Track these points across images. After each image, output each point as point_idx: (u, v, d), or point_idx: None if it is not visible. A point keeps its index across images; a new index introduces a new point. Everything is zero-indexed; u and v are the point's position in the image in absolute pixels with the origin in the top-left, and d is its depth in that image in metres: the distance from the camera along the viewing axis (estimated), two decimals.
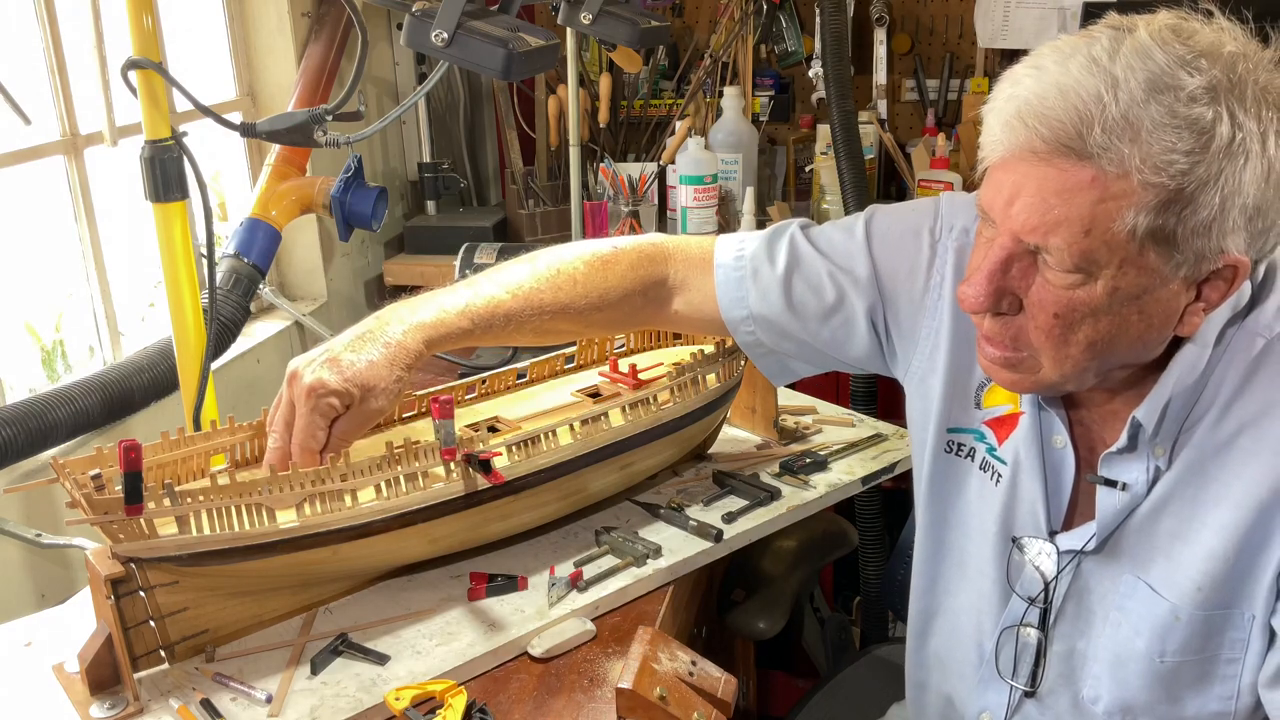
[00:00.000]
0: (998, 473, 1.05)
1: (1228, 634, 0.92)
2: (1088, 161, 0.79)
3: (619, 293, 1.18)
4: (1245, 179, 0.79)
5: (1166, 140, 0.78)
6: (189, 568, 0.99)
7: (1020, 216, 0.83)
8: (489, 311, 1.13)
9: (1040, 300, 0.86)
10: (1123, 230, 0.80)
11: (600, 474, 1.24)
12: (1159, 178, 0.78)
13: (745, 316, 1.18)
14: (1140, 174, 0.78)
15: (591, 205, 2.36)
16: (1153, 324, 0.86)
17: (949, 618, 1.13)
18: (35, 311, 1.78)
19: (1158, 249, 0.81)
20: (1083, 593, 0.99)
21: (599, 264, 1.18)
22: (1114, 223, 0.80)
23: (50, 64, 1.66)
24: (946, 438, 1.10)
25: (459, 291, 1.14)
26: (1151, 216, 0.79)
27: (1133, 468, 0.94)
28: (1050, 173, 0.81)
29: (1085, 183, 0.80)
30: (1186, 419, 0.92)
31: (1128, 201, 0.79)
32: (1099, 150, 0.79)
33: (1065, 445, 1.00)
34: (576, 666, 1.06)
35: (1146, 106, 0.78)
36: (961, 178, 2.27)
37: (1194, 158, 0.78)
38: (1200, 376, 0.90)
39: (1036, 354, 0.89)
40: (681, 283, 1.21)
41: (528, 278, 1.16)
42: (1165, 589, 0.93)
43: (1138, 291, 0.84)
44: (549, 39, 1.12)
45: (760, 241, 1.19)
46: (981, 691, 1.08)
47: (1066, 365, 0.89)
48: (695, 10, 2.74)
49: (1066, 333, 0.86)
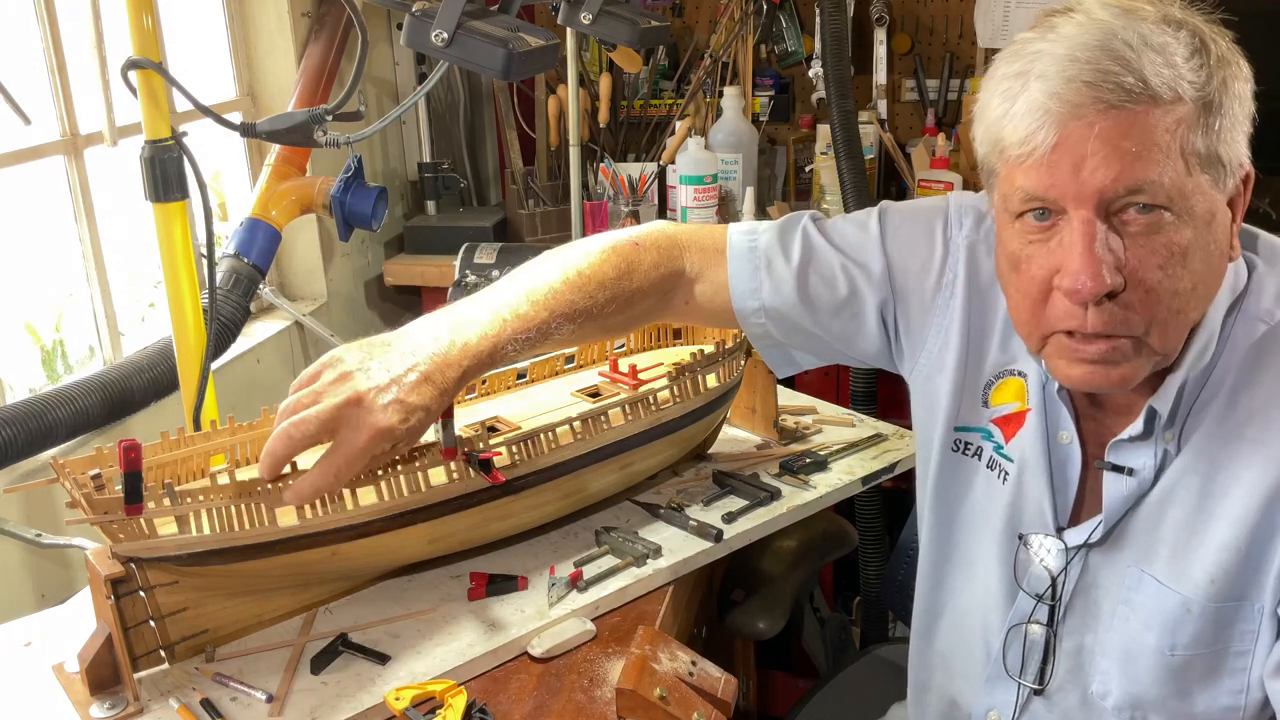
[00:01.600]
0: (1005, 471, 1.05)
1: (1238, 626, 0.92)
2: (1144, 97, 0.82)
3: (638, 296, 1.16)
4: (1239, 85, 0.85)
5: (1184, 52, 0.82)
6: (189, 568, 0.99)
7: (1099, 173, 0.83)
8: (528, 329, 1.07)
9: (1141, 261, 0.84)
10: (1191, 152, 0.83)
11: (600, 474, 1.24)
12: (1198, 91, 0.82)
13: (757, 308, 1.18)
14: (1186, 91, 0.82)
15: (591, 205, 2.36)
16: (1222, 252, 0.89)
17: (954, 617, 1.13)
18: (35, 311, 1.78)
19: (1211, 169, 0.85)
20: (1090, 587, 1.00)
21: (625, 267, 1.14)
22: (1183, 146, 0.83)
23: (50, 64, 1.66)
24: (954, 436, 1.10)
25: (493, 314, 1.06)
26: (1201, 134, 0.83)
27: (1141, 454, 0.94)
28: (1111, 123, 0.82)
29: (1149, 116, 0.82)
30: (1194, 404, 0.93)
31: (1186, 122, 0.83)
32: (1152, 77, 0.81)
33: (1072, 441, 1.00)
34: (576, 666, 1.06)
35: (1155, 35, 0.82)
36: (961, 177, 2.27)
37: (1208, 68, 0.83)
38: (1209, 362, 0.92)
39: (1146, 327, 0.86)
40: (697, 274, 1.20)
41: (559, 284, 1.10)
42: (1176, 582, 0.93)
43: (1209, 217, 0.86)
44: (549, 39, 1.12)
45: (773, 233, 1.18)
46: (989, 690, 1.08)
47: (1178, 323, 0.87)
48: (695, 10, 2.74)
49: (1174, 284, 0.85)
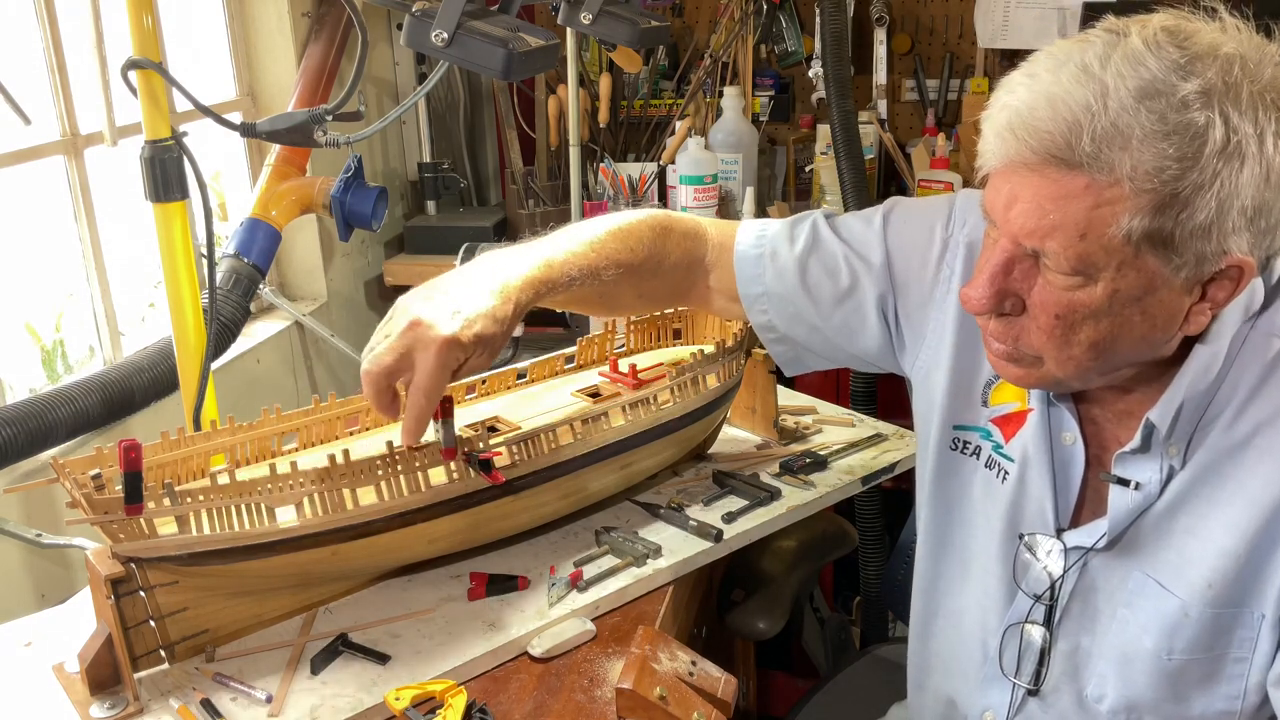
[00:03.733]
0: (1004, 470, 1.05)
1: (1237, 632, 0.92)
2: (1079, 170, 0.80)
3: (671, 262, 1.19)
4: (1243, 181, 0.78)
5: (1157, 147, 0.78)
6: (189, 567, 0.99)
7: (1018, 221, 0.84)
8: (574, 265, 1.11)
9: (1042, 302, 0.87)
10: (1118, 234, 0.81)
11: (600, 474, 1.24)
12: (1151, 184, 0.78)
13: (760, 294, 1.19)
14: (1132, 181, 0.79)
15: (591, 205, 2.36)
16: (1156, 324, 0.86)
17: (952, 616, 1.13)
18: (35, 311, 1.78)
19: (1156, 252, 0.82)
20: (1089, 590, 0.99)
21: (660, 229, 1.19)
22: (1109, 227, 0.81)
23: (50, 64, 1.66)
24: (952, 435, 1.10)
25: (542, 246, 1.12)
26: (1147, 220, 0.80)
27: (1146, 467, 0.94)
28: (1043, 181, 0.82)
29: (1078, 190, 0.81)
30: (1201, 419, 0.92)
31: (1121, 207, 0.80)
32: (1088, 159, 0.79)
33: (1075, 441, 1.00)
34: (576, 666, 1.06)
35: (1137, 114, 0.78)
36: (961, 178, 2.27)
37: (1186, 163, 0.78)
38: (1215, 377, 0.91)
39: (1039, 354, 0.90)
40: (714, 262, 1.23)
41: (602, 233, 1.16)
42: (1175, 585, 0.93)
43: (1138, 293, 0.84)
44: (549, 39, 1.12)
45: (782, 225, 1.20)
46: (984, 690, 1.08)
47: (1069, 366, 0.89)
48: (695, 10, 2.74)
49: (1068, 333, 0.87)
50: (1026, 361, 0.92)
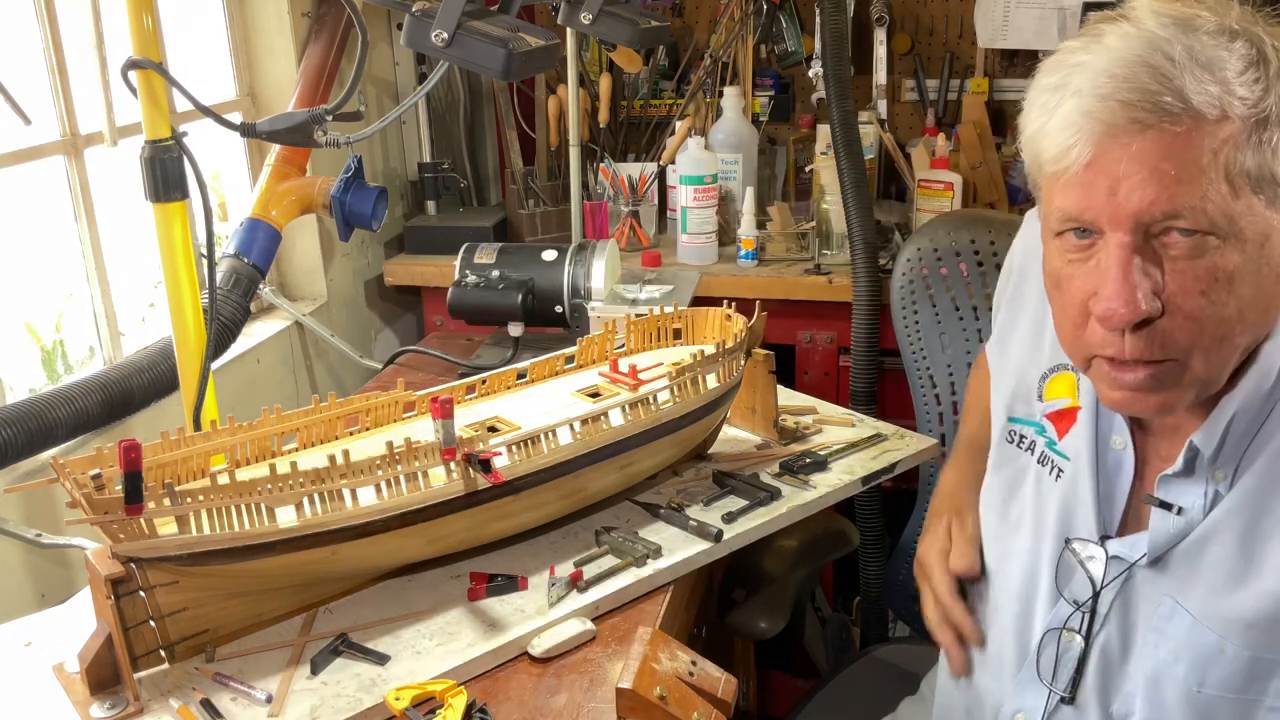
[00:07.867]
0: (1058, 468, 1.02)
1: (1274, 682, 0.87)
2: (1185, 116, 0.78)
3: None
4: None
5: (1238, 65, 0.78)
6: (189, 567, 0.99)
7: (1135, 196, 0.80)
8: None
9: (1181, 287, 0.82)
10: (1239, 173, 0.79)
11: (600, 474, 1.24)
12: (1250, 108, 0.78)
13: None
14: (1235, 108, 0.78)
15: (591, 205, 2.36)
16: (1278, 273, 0.83)
17: (994, 612, 1.09)
18: (35, 311, 1.77)
19: (1265, 189, 0.80)
20: (1129, 606, 0.96)
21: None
22: (1229, 167, 0.79)
23: (50, 64, 1.66)
24: (1009, 428, 1.10)
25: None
26: (1252, 152, 0.79)
27: (1190, 492, 0.90)
28: (1149, 143, 0.79)
29: (1189, 135, 0.79)
30: (1253, 441, 0.88)
31: (1232, 142, 0.79)
32: (1195, 95, 0.78)
33: (1125, 446, 0.97)
34: (576, 666, 1.06)
35: (1206, 49, 0.78)
36: (961, 178, 2.27)
37: (1263, 83, 0.79)
38: (1265, 399, 0.87)
39: (1187, 353, 0.84)
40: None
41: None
42: (1211, 620, 0.89)
43: (1261, 239, 0.81)
44: (549, 39, 1.12)
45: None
46: (1019, 691, 1.04)
47: (1220, 352, 0.84)
48: (695, 10, 2.73)
49: (1219, 310, 0.82)
50: (1169, 379, 0.85)
